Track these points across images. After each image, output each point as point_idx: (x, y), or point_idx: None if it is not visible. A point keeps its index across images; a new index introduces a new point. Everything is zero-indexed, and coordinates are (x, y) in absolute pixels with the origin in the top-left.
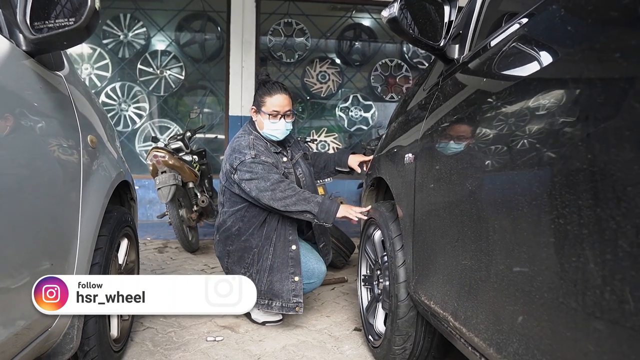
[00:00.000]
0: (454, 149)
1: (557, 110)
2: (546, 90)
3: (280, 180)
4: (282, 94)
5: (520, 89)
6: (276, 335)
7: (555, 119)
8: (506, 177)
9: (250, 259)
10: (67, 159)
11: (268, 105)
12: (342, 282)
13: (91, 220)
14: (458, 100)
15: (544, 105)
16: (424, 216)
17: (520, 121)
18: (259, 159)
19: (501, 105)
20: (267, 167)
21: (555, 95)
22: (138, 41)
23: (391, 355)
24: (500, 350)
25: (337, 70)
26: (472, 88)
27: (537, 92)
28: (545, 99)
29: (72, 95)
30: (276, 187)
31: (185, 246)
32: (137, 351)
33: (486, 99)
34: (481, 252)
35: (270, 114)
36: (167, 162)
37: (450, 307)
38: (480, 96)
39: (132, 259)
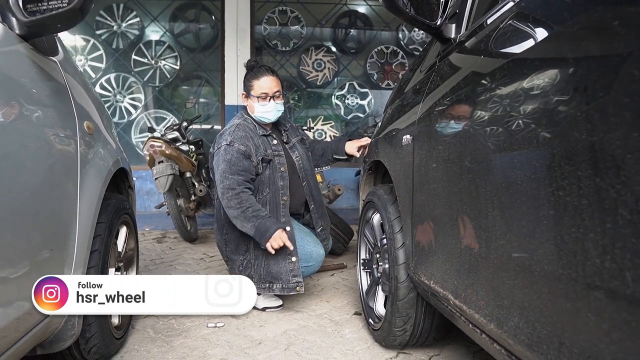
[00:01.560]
0: (453, 129)
1: (553, 86)
2: (543, 67)
3: (229, 187)
4: (269, 76)
5: (517, 67)
6: (277, 321)
7: (552, 95)
8: (505, 154)
9: (246, 246)
10: (64, 146)
11: (256, 89)
12: (341, 268)
13: (89, 207)
14: (455, 80)
15: (541, 82)
16: (422, 197)
17: (518, 98)
18: (232, 147)
19: (498, 83)
20: (235, 159)
21: (552, 71)
22: (132, 31)
23: (391, 337)
24: (501, 325)
25: (333, 58)
26: (469, 67)
27: (534, 69)
28: (542, 75)
29: (67, 81)
30: (224, 193)
31: (184, 236)
32: (139, 338)
33: (483, 78)
34: (481, 229)
35: (259, 97)
36: (164, 152)
37: (450, 285)
38: (477, 75)
39: (131, 247)
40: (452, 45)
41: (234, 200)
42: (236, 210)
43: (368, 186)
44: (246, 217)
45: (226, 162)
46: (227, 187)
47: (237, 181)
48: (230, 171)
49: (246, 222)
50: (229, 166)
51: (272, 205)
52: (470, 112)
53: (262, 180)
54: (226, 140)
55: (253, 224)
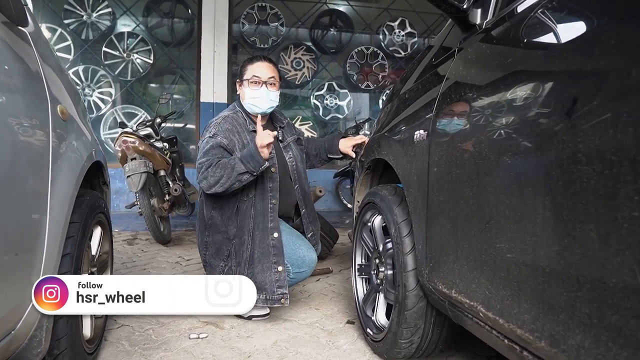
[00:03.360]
0: (487, 123)
1: (593, 81)
2: (579, 60)
3: (208, 165)
4: (264, 62)
5: (555, 57)
6: (265, 331)
7: (594, 89)
8: (555, 147)
9: (228, 251)
10: (34, 133)
11: (249, 72)
12: (327, 273)
13: (61, 204)
14: (486, 71)
15: (580, 76)
16: (442, 197)
17: (561, 89)
18: (214, 139)
19: (535, 74)
20: (215, 150)
21: (592, 65)
22: (103, 22)
23: (396, 349)
24: (557, 343)
25: (312, 57)
26: (502, 56)
27: (572, 61)
28: (581, 68)
29: (39, 57)
30: (208, 175)
31: (157, 237)
32: (113, 352)
33: (518, 68)
34: (526, 233)
35: (251, 81)
36: (137, 148)
37: (480, 296)
38: (511, 65)
39: (105, 250)
40: (477, 32)
41: (217, 170)
42: (224, 176)
43: (365, 187)
44: (231, 166)
45: (205, 153)
46: (207, 165)
47: (213, 159)
48: (215, 154)
49: (231, 169)
50: (206, 158)
51: (259, 208)
52: (507, 103)
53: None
54: (210, 132)
55: (239, 166)
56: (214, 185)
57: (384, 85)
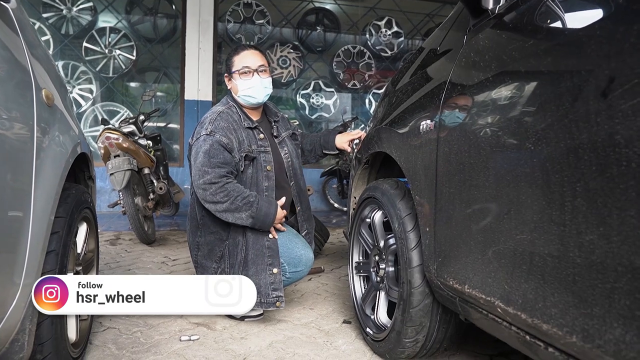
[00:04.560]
0: (504, 110)
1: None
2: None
3: (211, 182)
4: (251, 50)
5: (572, 43)
6: (259, 332)
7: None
8: (591, 127)
9: (221, 252)
10: (16, 119)
11: (237, 63)
12: (319, 272)
13: (46, 197)
14: (497, 57)
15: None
16: (452, 189)
17: (583, 74)
18: (212, 137)
19: (549, 59)
20: (215, 150)
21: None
22: (84, 16)
23: (400, 348)
24: (591, 338)
25: (299, 55)
26: (515, 43)
27: (588, 47)
28: (600, 53)
29: (23, 35)
30: (206, 189)
31: (141, 237)
32: (99, 356)
33: (532, 54)
34: (552, 222)
35: (242, 72)
36: (121, 145)
37: (498, 290)
38: (524, 51)
39: (91, 248)
40: (489, 18)
41: (220, 194)
42: (224, 204)
43: (362, 182)
44: (237, 207)
45: (205, 154)
46: (209, 182)
47: (218, 174)
48: (210, 164)
49: (237, 212)
50: (208, 159)
51: None
52: (526, 90)
53: (244, 180)
54: (206, 129)
55: (248, 213)
56: (216, 205)
57: (370, 85)
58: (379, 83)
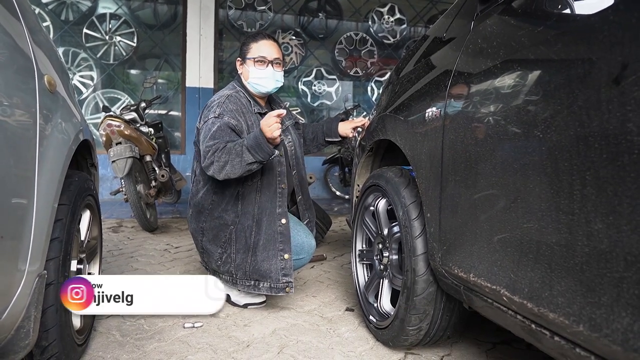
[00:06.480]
0: (511, 98)
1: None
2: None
3: (216, 149)
4: (270, 40)
5: (582, 29)
6: (262, 319)
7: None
8: (602, 114)
9: (226, 237)
10: (19, 105)
11: (254, 51)
12: (321, 260)
13: (50, 184)
14: (505, 43)
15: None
16: (458, 177)
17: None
18: (220, 119)
19: (559, 45)
20: (222, 132)
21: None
22: (83, 2)
23: (403, 336)
24: (598, 327)
25: (301, 43)
26: (523, 29)
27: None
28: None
29: (24, 21)
30: (214, 160)
31: (143, 225)
32: (104, 343)
33: (541, 40)
34: (560, 211)
35: (257, 60)
36: (122, 132)
37: (503, 279)
38: (533, 38)
39: (94, 235)
40: (497, 4)
41: (223, 156)
42: (228, 162)
43: (365, 170)
44: (237, 153)
45: (212, 137)
46: (213, 150)
47: (223, 142)
48: (223, 134)
49: (239, 157)
50: (213, 141)
51: (267, 193)
52: (534, 76)
53: None
54: (214, 112)
55: (243, 148)
56: (220, 170)
57: (372, 72)
58: (381, 70)
